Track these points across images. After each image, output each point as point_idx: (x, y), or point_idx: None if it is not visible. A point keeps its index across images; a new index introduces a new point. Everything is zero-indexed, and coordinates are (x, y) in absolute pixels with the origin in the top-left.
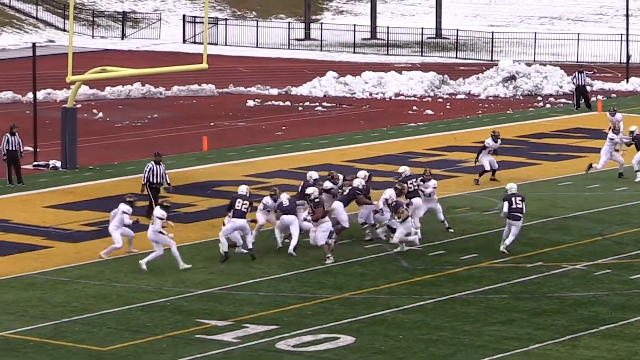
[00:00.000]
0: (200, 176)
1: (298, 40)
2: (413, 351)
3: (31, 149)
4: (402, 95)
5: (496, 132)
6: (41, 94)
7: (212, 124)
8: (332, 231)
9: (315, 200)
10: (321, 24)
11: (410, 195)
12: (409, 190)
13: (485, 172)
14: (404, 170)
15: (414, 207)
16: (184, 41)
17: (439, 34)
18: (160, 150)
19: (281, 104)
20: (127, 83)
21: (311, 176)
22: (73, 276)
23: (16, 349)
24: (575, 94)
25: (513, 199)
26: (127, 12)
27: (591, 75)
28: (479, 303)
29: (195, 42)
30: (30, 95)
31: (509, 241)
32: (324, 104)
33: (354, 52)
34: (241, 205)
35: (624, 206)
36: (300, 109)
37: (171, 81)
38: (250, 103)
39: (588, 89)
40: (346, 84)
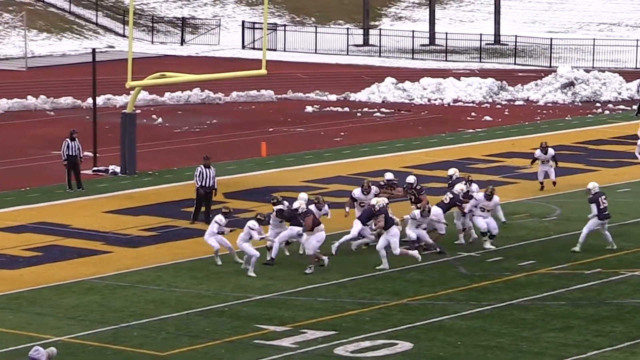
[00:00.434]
0: (259, 182)
1: (357, 46)
2: (471, 357)
3: (91, 154)
4: (460, 101)
5: (543, 143)
6: (101, 100)
7: (271, 129)
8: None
9: (304, 211)
10: (380, 30)
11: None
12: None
13: (544, 180)
14: (454, 172)
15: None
16: (243, 47)
17: (497, 40)
18: (219, 155)
19: (340, 109)
20: (187, 89)
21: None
22: (132, 281)
23: (76, 353)
24: None
25: (599, 198)
26: (187, 18)
27: None
28: (537, 309)
29: (254, 48)
30: (90, 100)
31: (607, 240)
32: (383, 109)
33: (412, 58)
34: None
35: None
36: (358, 114)
37: (230, 87)
38: (309, 109)
39: None
40: (404, 90)
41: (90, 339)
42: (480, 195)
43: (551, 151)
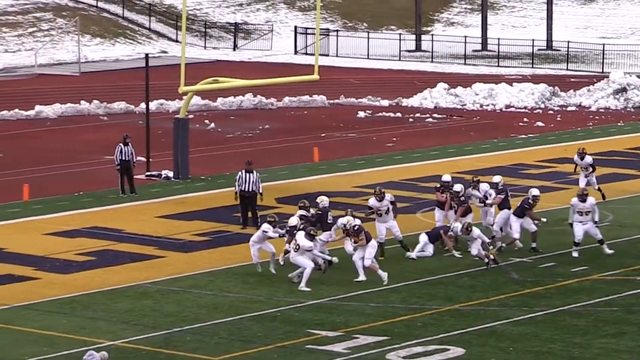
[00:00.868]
0: (311, 187)
1: (409, 51)
2: None
3: (144, 159)
4: (512, 107)
5: (581, 149)
6: (154, 105)
7: (323, 135)
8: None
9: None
10: (432, 35)
11: (502, 206)
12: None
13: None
14: (499, 180)
15: (503, 217)
16: (296, 52)
17: (549, 46)
18: (271, 160)
19: (392, 115)
20: (239, 94)
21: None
22: (185, 286)
23: (128, 358)
24: None
25: None
26: (239, 23)
27: None
28: (589, 315)
29: (306, 54)
30: (142, 105)
31: None
32: (435, 115)
33: (464, 64)
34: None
35: None
36: (410, 120)
37: (282, 92)
38: (361, 114)
39: None
40: (457, 95)
41: (143, 344)
42: (574, 200)
43: (588, 158)
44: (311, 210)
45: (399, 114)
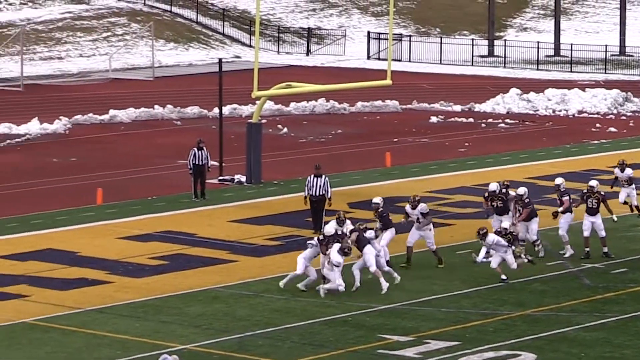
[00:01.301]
0: (383, 192)
1: (482, 57)
2: None
3: (216, 163)
4: (585, 112)
5: (621, 160)
6: (227, 109)
7: (396, 140)
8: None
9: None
10: (505, 40)
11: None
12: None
13: (630, 205)
14: (561, 182)
15: (567, 221)
16: (368, 57)
17: (622, 52)
18: (344, 165)
19: (464, 120)
20: (312, 99)
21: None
22: (257, 290)
23: None
24: None
25: None
26: (312, 28)
27: None
28: None
29: (379, 59)
30: (216, 110)
31: None
32: (507, 120)
33: (537, 69)
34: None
35: None
36: (483, 125)
37: (355, 97)
38: (434, 119)
39: None
40: (529, 100)
41: (215, 348)
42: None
43: (629, 171)
44: (348, 225)
45: (471, 119)
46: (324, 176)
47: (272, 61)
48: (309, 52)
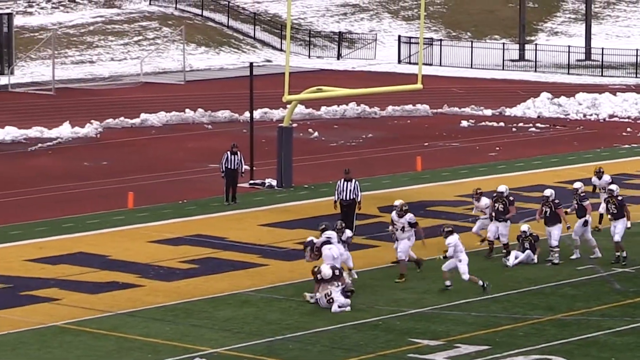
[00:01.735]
0: (414, 196)
1: (512, 61)
2: None
3: (247, 167)
4: (616, 116)
5: (598, 168)
6: (258, 113)
7: (426, 144)
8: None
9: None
10: (535, 45)
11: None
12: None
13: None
14: (580, 186)
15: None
16: (399, 61)
17: None
18: (374, 169)
19: (495, 124)
20: (343, 103)
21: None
22: (287, 294)
23: None
24: None
25: None
26: (343, 32)
27: None
28: None
29: (410, 63)
30: (247, 114)
31: None
32: (538, 125)
33: (568, 74)
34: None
35: None
36: (514, 129)
37: (386, 101)
38: (464, 123)
39: None
40: (560, 105)
41: (245, 351)
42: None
43: (606, 177)
44: (347, 233)
45: (502, 124)
46: (354, 180)
47: (303, 65)
48: (339, 56)
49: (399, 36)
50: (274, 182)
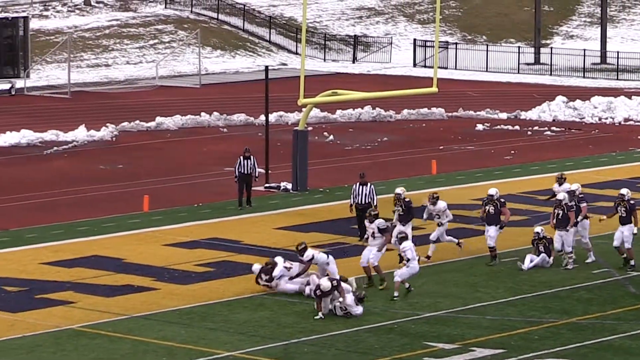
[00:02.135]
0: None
1: (528, 64)
2: None
3: (262, 170)
4: (631, 120)
5: (559, 174)
6: (273, 117)
7: (442, 147)
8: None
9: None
10: (551, 48)
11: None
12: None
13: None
14: (577, 187)
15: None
16: (415, 65)
17: None
18: (389, 173)
19: (510, 128)
20: (358, 106)
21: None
22: (302, 297)
23: None
24: None
25: None
26: (359, 35)
27: None
28: None
29: (425, 66)
30: (262, 117)
31: None
32: (553, 128)
33: (583, 77)
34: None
35: None
36: (529, 133)
37: (401, 105)
38: (480, 127)
39: None
40: (575, 108)
41: (260, 355)
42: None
43: (566, 185)
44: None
45: (517, 127)
46: (369, 184)
47: (319, 69)
48: (355, 59)
49: (414, 39)
50: (289, 186)
